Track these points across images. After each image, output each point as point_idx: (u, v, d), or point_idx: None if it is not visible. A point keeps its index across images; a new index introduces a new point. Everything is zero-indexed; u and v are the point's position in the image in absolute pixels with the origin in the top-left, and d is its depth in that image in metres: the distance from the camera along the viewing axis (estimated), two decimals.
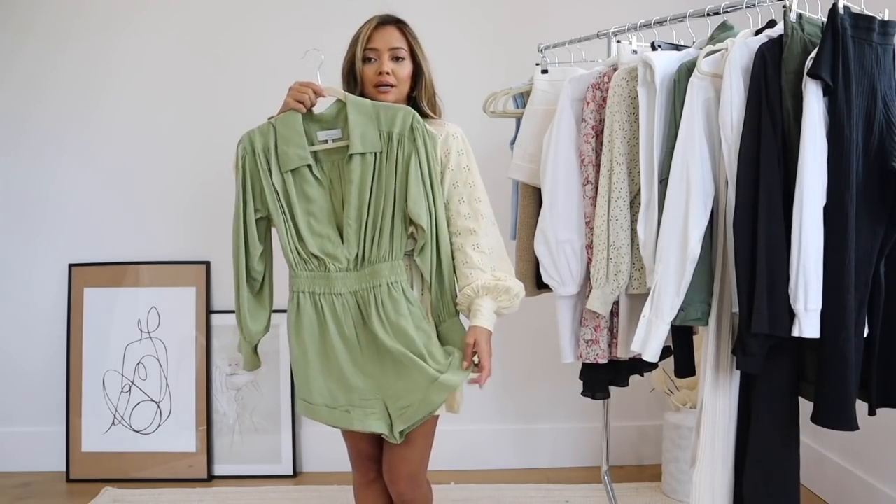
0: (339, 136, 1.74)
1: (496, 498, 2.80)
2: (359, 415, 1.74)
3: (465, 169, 1.78)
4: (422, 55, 1.84)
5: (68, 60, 3.07)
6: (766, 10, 1.83)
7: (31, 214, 3.12)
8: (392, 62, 1.78)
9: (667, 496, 2.78)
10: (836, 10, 1.60)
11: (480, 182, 1.80)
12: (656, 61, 1.83)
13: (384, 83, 1.77)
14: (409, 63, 1.81)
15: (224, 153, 3.06)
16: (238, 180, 1.78)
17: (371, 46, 1.79)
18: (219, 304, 3.10)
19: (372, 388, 1.74)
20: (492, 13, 3.07)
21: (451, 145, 1.78)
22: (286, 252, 1.76)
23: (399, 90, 1.80)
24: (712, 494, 1.84)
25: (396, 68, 1.79)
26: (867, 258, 1.67)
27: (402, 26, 1.84)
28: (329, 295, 1.74)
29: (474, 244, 1.74)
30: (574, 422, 3.12)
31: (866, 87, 1.64)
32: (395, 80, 1.78)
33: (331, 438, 3.05)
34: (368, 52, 1.79)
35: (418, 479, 1.85)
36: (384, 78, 1.77)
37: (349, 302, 1.73)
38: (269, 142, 1.75)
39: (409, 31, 1.85)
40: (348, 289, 1.73)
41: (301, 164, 1.72)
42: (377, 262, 1.72)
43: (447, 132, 1.79)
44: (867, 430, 1.83)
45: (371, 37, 1.80)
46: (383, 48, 1.78)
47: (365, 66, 1.80)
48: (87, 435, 3.05)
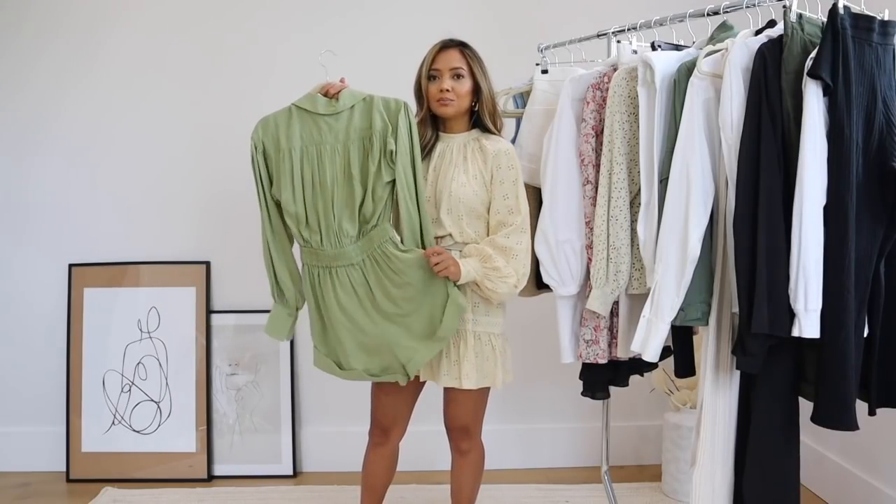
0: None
1: (496, 498, 2.80)
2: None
3: (512, 182, 2.00)
4: (481, 74, 2.05)
5: (68, 60, 3.07)
6: (766, 10, 1.83)
7: (31, 214, 3.11)
8: (452, 80, 2.01)
9: (667, 496, 2.78)
10: (836, 10, 1.60)
11: (523, 194, 2.02)
12: (656, 61, 1.83)
13: (444, 98, 2.00)
14: (468, 80, 2.02)
15: (224, 153, 3.08)
16: (253, 168, 2.06)
17: (434, 67, 2.03)
18: (219, 304, 3.10)
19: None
20: (492, 13, 3.07)
21: (501, 161, 2.01)
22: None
23: (458, 104, 2.02)
24: (712, 494, 1.84)
25: (456, 85, 2.01)
26: (867, 258, 1.67)
27: (462, 49, 2.05)
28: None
29: (504, 234, 1.97)
30: (574, 422, 3.12)
31: (866, 87, 1.64)
32: (454, 95, 2.00)
33: (331, 438, 3.06)
34: (432, 72, 2.03)
35: (472, 433, 2.15)
36: (444, 94, 2.00)
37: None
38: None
39: (470, 52, 2.06)
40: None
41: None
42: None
43: (499, 149, 2.02)
44: (867, 430, 1.83)
45: (435, 58, 2.03)
46: (444, 68, 2.01)
47: (429, 84, 2.04)
48: (87, 435, 3.04)
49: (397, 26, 3.05)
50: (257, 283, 3.08)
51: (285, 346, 3.07)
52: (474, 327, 2.01)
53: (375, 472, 2.20)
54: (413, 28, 3.04)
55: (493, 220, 2.00)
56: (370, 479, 2.20)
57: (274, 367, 3.07)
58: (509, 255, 1.95)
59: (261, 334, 3.07)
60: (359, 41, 2.98)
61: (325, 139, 1.96)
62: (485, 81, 2.05)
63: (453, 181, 1.99)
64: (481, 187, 1.99)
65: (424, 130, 2.05)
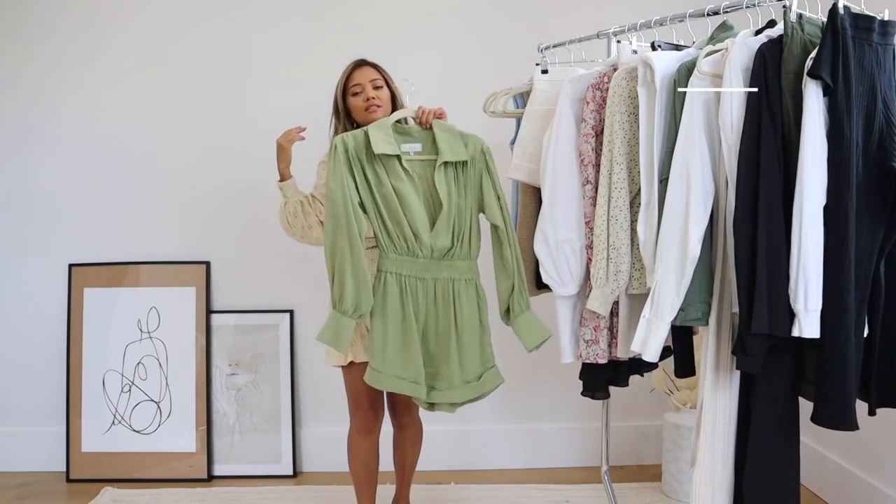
0: (420, 150, 2.07)
1: (496, 498, 2.80)
2: (423, 388, 2.00)
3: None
4: (393, 84, 2.27)
5: (68, 60, 3.07)
6: (766, 10, 1.83)
7: (31, 214, 3.11)
8: (374, 90, 2.21)
9: (667, 496, 2.78)
10: (836, 10, 1.60)
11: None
12: (656, 61, 1.83)
13: (372, 104, 2.19)
14: (386, 89, 2.24)
15: (224, 153, 3.08)
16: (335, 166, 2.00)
17: (356, 82, 2.22)
18: (219, 304, 3.10)
19: (429, 366, 2.02)
20: (492, 13, 3.07)
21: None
22: (377, 235, 2.02)
23: (384, 109, 2.21)
24: (712, 494, 1.84)
25: (378, 94, 2.21)
26: (867, 258, 1.67)
27: (373, 65, 2.27)
28: (414, 278, 2.02)
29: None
30: (574, 422, 3.12)
31: (866, 87, 1.64)
32: (380, 101, 2.20)
33: (331, 438, 3.06)
34: (354, 88, 2.22)
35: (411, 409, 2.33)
36: (372, 101, 2.19)
37: (429, 287, 2.02)
38: (360, 143, 2.02)
39: (381, 67, 2.28)
40: (431, 275, 2.03)
41: (392, 152, 2.00)
42: (458, 259, 2.05)
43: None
44: (867, 430, 1.83)
45: (352, 75, 2.24)
46: (364, 81, 2.22)
47: (352, 99, 2.23)
48: (87, 435, 3.04)
49: (398, 27, 3.05)
50: (257, 283, 3.10)
51: (285, 346, 3.08)
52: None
53: (371, 463, 2.26)
54: (413, 28, 3.05)
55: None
56: (366, 472, 2.25)
57: (274, 367, 3.07)
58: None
59: (261, 334, 3.07)
60: (359, 42, 2.97)
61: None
62: (397, 90, 2.28)
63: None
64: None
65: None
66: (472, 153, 2.07)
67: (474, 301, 2.05)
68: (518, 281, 2.07)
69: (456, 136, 2.07)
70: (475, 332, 2.03)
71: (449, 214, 2.02)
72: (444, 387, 2.00)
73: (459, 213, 2.04)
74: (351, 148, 2.01)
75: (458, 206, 2.04)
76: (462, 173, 2.06)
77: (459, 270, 2.04)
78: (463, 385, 2.00)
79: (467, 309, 2.03)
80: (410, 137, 2.08)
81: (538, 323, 2.08)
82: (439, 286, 2.02)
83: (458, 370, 2.00)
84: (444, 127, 2.07)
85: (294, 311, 3.09)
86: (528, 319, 2.08)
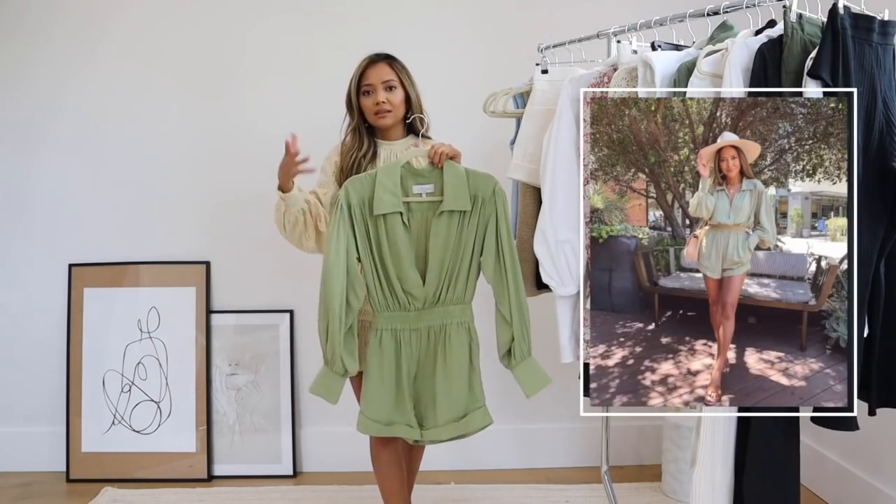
0: (431, 191, 2.00)
1: (496, 498, 2.80)
2: (416, 430, 2.00)
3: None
4: (409, 83, 2.17)
5: (67, 60, 3.07)
6: (766, 10, 1.83)
7: (31, 214, 3.11)
8: (385, 92, 2.13)
9: (667, 496, 2.78)
10: (836, 10, 1.60)
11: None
12: (656, 61, 1.83)
13: (381, 111, 2.12)
14: (400, 91, 2.15)
15: (224, 153, 3.08)
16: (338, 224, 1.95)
17: (367, 82, 2.13)
18: (219, 304, 3.10)
19: (417, 406, 2.01)
20: (492, 13, 3.07)
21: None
22: (372, 293, 1.99)
23: (395, 114, 2.15)
24: (712, 494, 1.84)
25: (390, 96, 2.13)
26: (867, 258, 1.67)
27: (390, 61, 2.16)
28: (408, 330, 2.00)
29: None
30: (574, 422, 3.12)
31: (866, 87, 1.64)
32: (390, 106, 2.12)
33: (331, 438, 3.06)
34: (365, 87, 2.14)
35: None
36: (381, 106, 2.11)
37: (423, 335, 2.00)
38: (365, 193, 1.96)
39: (398, 64, 2.17)
40: (424, 324, 2.00)
41: (393, 210, 1.94)
42: (450, 304, 2.00)
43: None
44: (867, 430, 1.83)
45: (365, 73, 2.14)
46: (376, 81, 2.12)
47: (363, 99, 2.15)
48: (87, 435, 3.04)
49: (398, 27, 3.05)
50: (257, 283, 3.10)
51: (285, 346, 3.08)
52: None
53: (396, 472, 2.19)
54: (413, 28, 3.05)
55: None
56: (390, 483, 2.19)
57: (274, 367, 3.07)
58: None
59: (261, 334, 3.07)
60: (360, 41, 2.97)
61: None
62: (413, 90, 2.18)
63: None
64: None
65: (361, 139, 2.16)
66: (483, 195, 1.98)
67: (465, 343, 2.01)
68: (519, 330, 2.00)
69: (463, 181, 1.98)
70: (463, 373, 1.99)
71: (442, 265, 1.97)
72: (431, 425, 2.00)
73: (455, 259, 1.98)
74: (355, 203, 1.95)
75: (454, 252, 1.98)
76: (464, 217, 1.98)
77: (451, 315, 2.00)
78: (447, 423, 1.99)
79: (457, 351, 1.99)
80: (422, 178, 2.01)
81: (539, 370, 2.03)
82: (432, 332, 2.00)
83: (444, 409, 1.98)
84: (454, 171, 1.98)
85: (294, 311, 3.09)
86: (530, 366, 2.02)
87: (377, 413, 1.99)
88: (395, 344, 1.99)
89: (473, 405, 2.01)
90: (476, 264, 2.01)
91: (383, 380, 1.98)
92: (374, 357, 1.99)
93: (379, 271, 1.98)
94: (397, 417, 1.99)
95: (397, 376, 1.99)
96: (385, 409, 1.99)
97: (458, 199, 1.96)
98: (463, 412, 2.00)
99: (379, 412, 1.99)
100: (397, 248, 1.96)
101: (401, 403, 1.99)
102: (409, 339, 2.00)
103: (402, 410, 1.99)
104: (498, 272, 1.99)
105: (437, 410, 1.98)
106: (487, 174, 2.00)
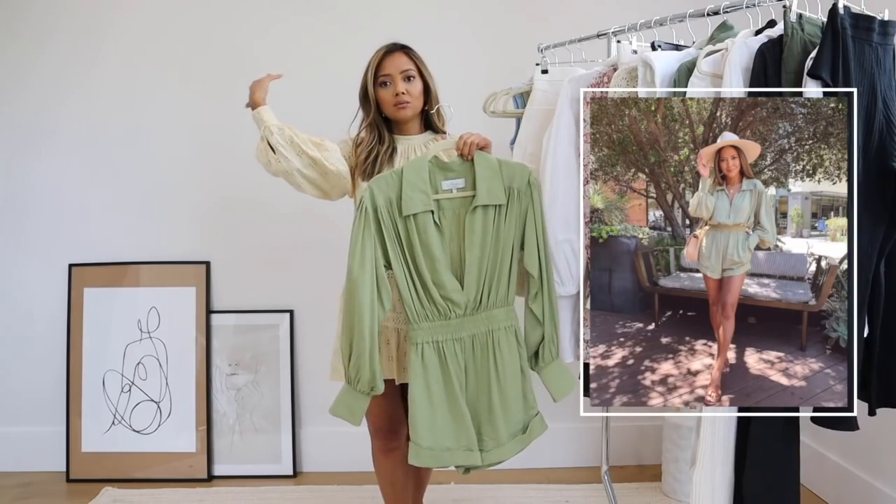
0: (462, 186, 1.86)
1: (496, 498, 2.80)
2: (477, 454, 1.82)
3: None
4: (428, 74, 2.07)
5: (68, 60, 3.07)
6: (766, 10, 1.83)
7: (31, 214, 3.12)
8: (404, 82, 2.01)
9: (667, 496, 2.78)
10: (836, 10, 1.60)
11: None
12: (656, 61, 1.83)
13: (401, 102, 2.01)
14: (419, 81, 2.04)
15: (224, 153, 3.08)
16: (362, 229, 1.80)
17: (384, 73, 2.02)
18: (219, 304, 3.10)
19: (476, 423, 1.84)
20: (492, 13, 3.07)
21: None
22: (407, 303, 1.82)
23: (414, 105, 2.04)
24: (712, 494, 1.84)
25: (409, 87, 2.02)
26: (867, 258, 1.67)
27: (407, 51, 2.05)
28: (451, 341, 1.83)
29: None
30: (574, 422, 3.11)
31: (866, 87, 1.64)
32: (409, 97, 2.01)
33: (331, 438, 3.06)
34: (383, 77, 2.02)
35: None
36: (401, 97, 2.00)
37: (467, 344, 1.84)
38: (392, 193, 1.81)
39: (415, 54, 2.06)
40: (468, 332, 1.84)
41: (424, 209, 1.80)
42: (494, 308, 1.86)
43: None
44: (867, 430, 1.83)
45: (382, 64, 2.02)
46: (395, 72, 2.01)
47: (380, 90, 2.03)
48: (87, 435, 3.05)
49: (398, 27, 3.04)
50: (257, 283, 3.10)
51: (285, 347, 3.08)
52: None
53: (398, 478, 2.13)
54: (413, 28, 3.04)
55: None
56: (392, 489, 2.14)
57: (274, 367, 3.07)
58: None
59: (261, 334, 3.07)
60: (359, 41, 2.97)
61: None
62: (431, 81, 2.08)
63: None
64: None
65: (381, 133, 2.05)
66: (518, 185, 1.85)
67: (515, 349, 1.86)
68: (550, 331, 1.88)
69: (496, 172, 1.84)
70: (517, 381, 1.85)
71: (481, 265, 1.83)
72: (492, 446, 1.83)
73: (494, 258, 1.84)
74: (382, 204, 1.80)
75: (493, 251, 1.84)
76: (500, 211, 1.85)
77: (497, 320, 1.85)
78: (510, 441, 1.84)
79: (509, 359, 1.84)
80: (452, 173, 1.86)
81: (568, 373, 1.94)
82: (478, 341, 1.84)
83: (504, 424, 1.83)
84: (485, 162, 1.85)
85: (294, 311, 3.09)
86: (559, 369, 1.93)
87: (431, 439, 1.78)
88: (438, 358, 1.81)
89: (530, 414, 1.89)
90: (517, 262, 1.87)
91: (432, 401, 1.79)
92: (418, 378, 1.79)
93: (413, 278, 1.82)
94: (453, 442, 1.80)
95: (448, 394, 1.81)
96: (439, 434, 1.79)
97: (493, 193, 1.83)
98: (523, 423, 1.88)
99: (433, 438, 1.78)
100: (430, 250, 1.81)
101: (459, 424, 1.80)
102: (454, 351, 1.82)
103: (460, 433, 1.81)
104: (538, 266, 1.86)
105: (497, 427, 1.82)
106: (521, 164, 1.90)
